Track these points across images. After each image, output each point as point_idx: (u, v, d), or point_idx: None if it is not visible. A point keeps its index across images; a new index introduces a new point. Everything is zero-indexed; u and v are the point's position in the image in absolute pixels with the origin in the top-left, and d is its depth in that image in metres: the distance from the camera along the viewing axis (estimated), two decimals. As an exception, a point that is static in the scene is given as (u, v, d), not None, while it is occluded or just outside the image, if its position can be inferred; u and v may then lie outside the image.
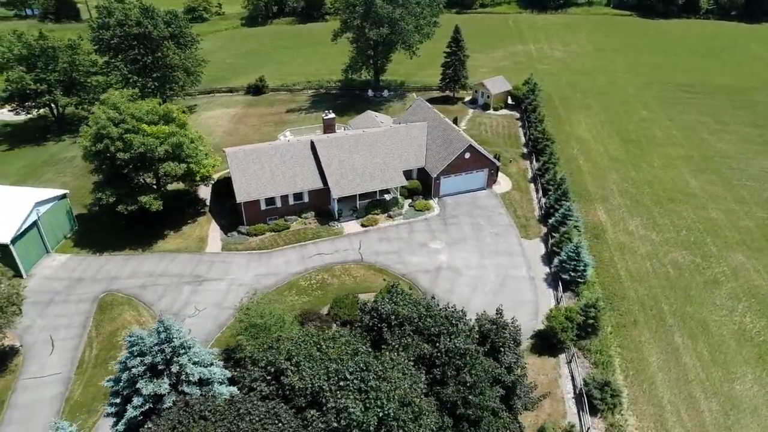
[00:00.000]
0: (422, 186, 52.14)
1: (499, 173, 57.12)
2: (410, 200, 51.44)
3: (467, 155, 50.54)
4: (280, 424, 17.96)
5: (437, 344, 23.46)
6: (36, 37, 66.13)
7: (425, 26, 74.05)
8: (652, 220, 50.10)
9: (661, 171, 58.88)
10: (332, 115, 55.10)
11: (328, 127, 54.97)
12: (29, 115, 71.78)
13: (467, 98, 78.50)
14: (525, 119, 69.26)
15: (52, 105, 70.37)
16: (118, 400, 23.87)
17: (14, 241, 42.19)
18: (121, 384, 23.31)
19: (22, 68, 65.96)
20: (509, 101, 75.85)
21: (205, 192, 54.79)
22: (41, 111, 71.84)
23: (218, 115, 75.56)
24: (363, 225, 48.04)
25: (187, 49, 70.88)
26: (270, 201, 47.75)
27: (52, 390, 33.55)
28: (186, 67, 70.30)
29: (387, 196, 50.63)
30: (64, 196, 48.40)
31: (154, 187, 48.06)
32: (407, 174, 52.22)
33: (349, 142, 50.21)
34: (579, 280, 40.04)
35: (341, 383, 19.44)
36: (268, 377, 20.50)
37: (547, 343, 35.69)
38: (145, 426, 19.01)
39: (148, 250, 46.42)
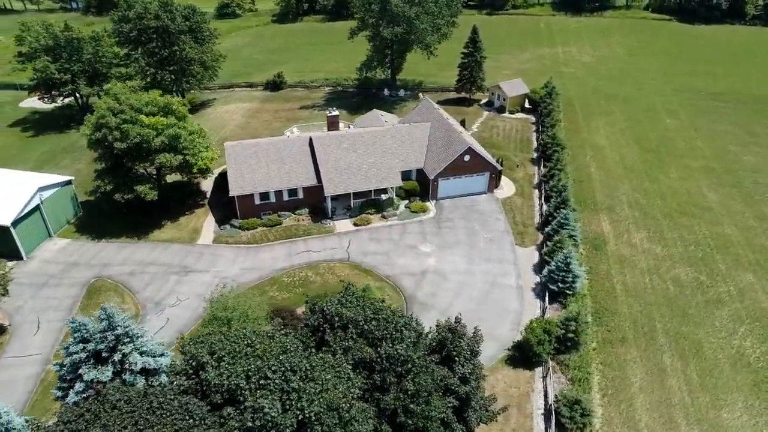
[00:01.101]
0: (421, 187, 51.27)
1: (505, 178, 55.71)
2: (407, 201, 50.67)
3: (467, 158, 49.38)
4: (191, 420, 17.78)
5: (379, 349, 22.80)
6: (62, 28, 68.53)
7: (443, 26, 72.90)
8: (659, 234, 47.74)
9: (678, 183, 56.11)
10: (336, 113, 54.83)
11: (332, 125, 54.74)
12: (55, 104, 74.47)
13: (484, 100, 76.98)
14: (540, 123, 67.37)
15: (77, 94, 72.85)
16: (64, 385, 24.18)
17: (15, 223, 43.67)
18: (65, 369, 23.60)
19: (48, 58, 68.46)
20: (527, 105, 73.92)
21: (208, 184, 55.52)
22: (66, 100, 74.44)
23: (233, 109, 76.59)
24: (355, 224, 47.61)
25: (205, 44, 72.00)
26: (264, 196, 47.90)
27: (30, 370, 34.46)
28: (203, 61, 71.46)
29: (384, 196, 50.01)
30: (68, 183, 49.89)
31: (154, 177, 48.92)
32: (406, 175, 51.52)
33: (347, 140, 49.86)
34: (567, 291, 38.42)
35: (261, 382, 19.09)
36: (190, 371, 20.38)
37: (524, 355, 34.38)
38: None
39: (143, 238, 47.33)
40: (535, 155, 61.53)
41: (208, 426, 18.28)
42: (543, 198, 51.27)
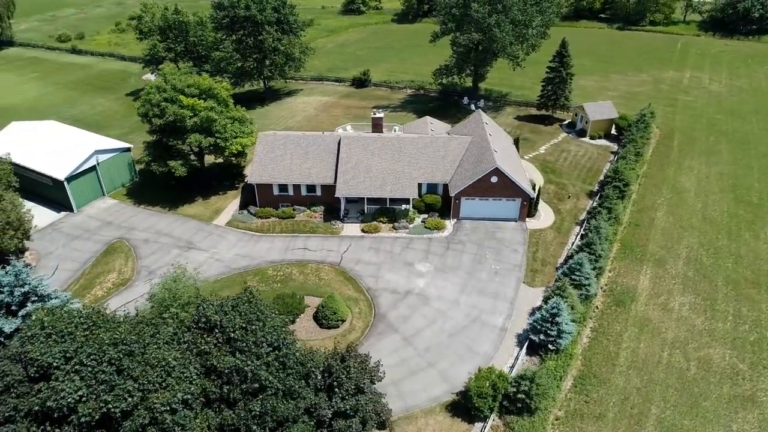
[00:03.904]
0: (444, 204, 48.25)
1: (548, 208, 50.42)
2: (426, 215, 48.03)
3: (494, 179, 45.32)
4: (-5, 386, 18.54)
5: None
6: (172, 11, 75.86)
7: (530, 37, 67.72)
8: (710, 302, 39.75)
9: (767, 246, 46.26)
10: (380, 114, 53.69)
11: (376, 126, 53.76)
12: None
13: (567, 120, 70.32)
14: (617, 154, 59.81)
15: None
16: (-16, 328, 26.57)
17: (69, 179, 49.26)
18: (-19, 314, 25.90)
19: (158, 37, 76.29)
20: (613, 131, 66.05)
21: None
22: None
23: (311, 101, 78.81)
24: (363, 230, 46.27)
25: (293, 36, 74.76)
26: (283, 188, 48.54)
27: (28, 309, 38.68)
28: (288, 53, 74.34)
29: (404, 206, 47.91)
30: (127, 150, 55.05)
31: (193, 155, 52.07)
32: (432, 188, 48.88)
33: (374, 144, 48.59)
34: (550, 346, 33.58)
35: (77, 367, 19.16)
36: (24, 340, 21.12)
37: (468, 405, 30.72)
38: None
39: (172, 210, 50.66)
40: (596, 188, 54.72)
41: (17, 395, 18.83)
42: (579, 236, 45.42)
